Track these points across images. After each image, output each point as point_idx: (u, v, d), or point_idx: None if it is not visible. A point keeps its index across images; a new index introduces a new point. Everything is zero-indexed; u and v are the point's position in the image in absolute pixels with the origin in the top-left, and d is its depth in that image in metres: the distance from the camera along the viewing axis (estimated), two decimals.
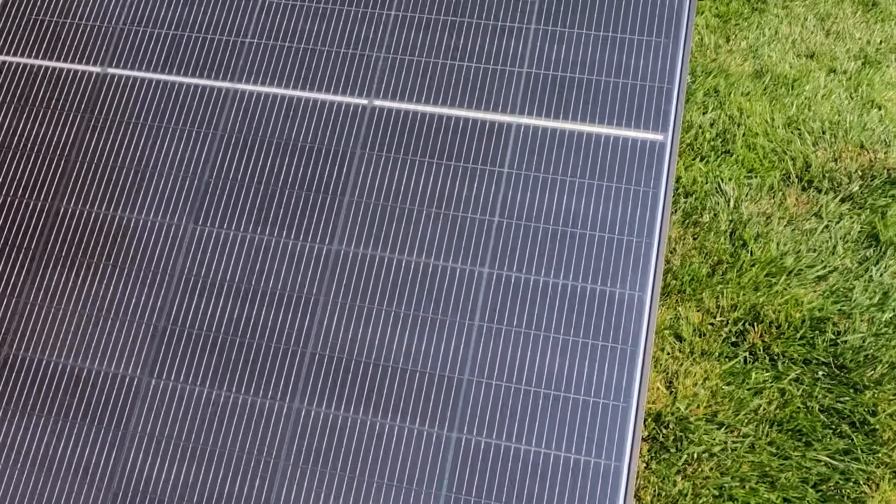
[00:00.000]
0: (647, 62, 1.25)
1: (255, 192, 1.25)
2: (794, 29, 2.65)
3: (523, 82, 1.27)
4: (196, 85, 1.31)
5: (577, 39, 1.28)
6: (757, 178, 2.02)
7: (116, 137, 1.30)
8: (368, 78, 1.30)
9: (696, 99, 2.26)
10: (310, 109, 1.29)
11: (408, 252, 1.20)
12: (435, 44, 1.31)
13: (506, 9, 1.31)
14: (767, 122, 2.19)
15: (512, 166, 1.22)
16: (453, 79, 1.28)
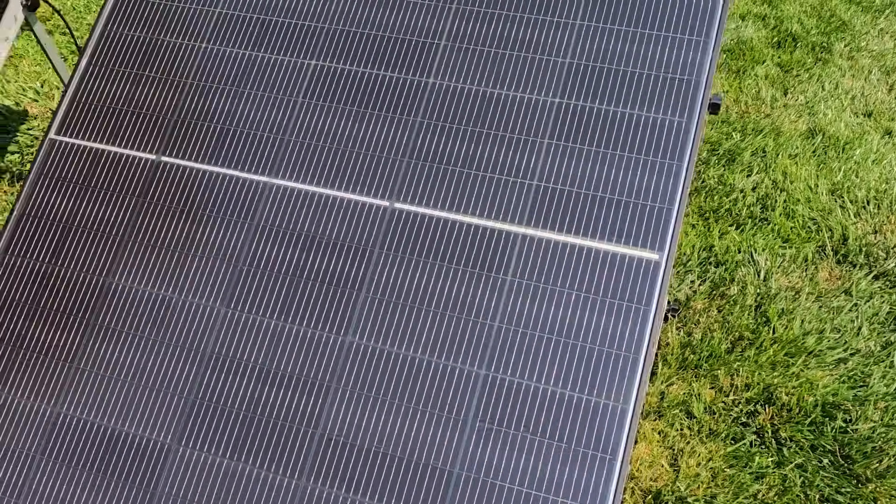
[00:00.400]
0: (650, 182, 1.32)
1: (281, 282, 1.38)
2: (857, 83, 2.63)
3: (532, 194, 1.36)
4: (238, 178, 1.45)
5: (586, 156, 1.35)
6: (792, 248, 2.05)
7: (165, 221, 1.45)
8: (391, 181, 1.41)
9: (742, 159, 2.29)
10: (336, 207, 1.40)
11: (413, 349, 1.31)
12: (455, 152, 1.41)
13: (521, 123, 1.40)
14: (811, 189, 2.20)
15: (515, 274, 1.32)
16: (468, 187, 1.38)
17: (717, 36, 1.40)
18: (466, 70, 1.45)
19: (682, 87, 1.37)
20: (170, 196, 1.47)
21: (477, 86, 1.44)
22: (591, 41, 1.41)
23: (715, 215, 2.13)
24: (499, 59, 1.45)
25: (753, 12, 2.95)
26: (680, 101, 1.36)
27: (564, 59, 1.41)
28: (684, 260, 2.01)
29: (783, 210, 2.14)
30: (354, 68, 1.47)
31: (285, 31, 1.51)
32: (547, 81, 1.41)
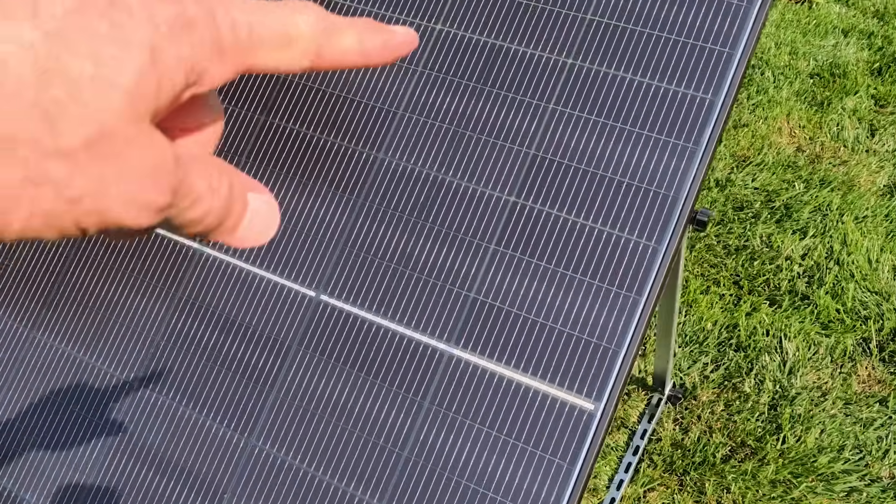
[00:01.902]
0: (600, 312, 1.14)
1: (195, 365, 1.27)
2: None
3: (467, 307, 1.19)
4: (170, 240, 1.34)
5: (533, 271, 1.17)
6: (831, 337, 1.80)
7: (94, 279, 1.36)
8: (321, 269, 1.27)
9: (799, 216, 2.02)
10: (262, 289, 1.28)
11: (315, 466, 1.19)
12: (393, 245, 1.25)
13: (467, 226, 1.22)
14: (870, 264, 1.92)
15: (433, 402, 1.17)
16: (399, 290, 1.22)
17: (709, 144, 1.17)
18: (423, 147, 1.28)
19: (658, 201, 1.16)
20: (101, 254, 1.38)
21: (429, 170, 1.27)
22: (560, 130, 1.21)
23: (751, 284, 1.89)
24: (458, 139, 1.27)
25: (859, 27, 2.59)
26: (651, 219, 1.15)
27: (529, 149, 1.22)
28: (701, 339, 1.79)
29: (831, 288, 1.88)
30: (303, 129, 1.32)
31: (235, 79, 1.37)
32: (504, 177, 1.23)
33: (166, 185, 0.21)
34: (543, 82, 1.23)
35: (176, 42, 0.21)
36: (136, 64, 0.20)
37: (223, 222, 0.25)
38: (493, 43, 1.26)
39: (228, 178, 0.25)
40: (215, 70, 0.23)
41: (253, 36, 0.24)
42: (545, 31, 1.24)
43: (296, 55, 0.25)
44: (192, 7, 0.22)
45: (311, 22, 0.25)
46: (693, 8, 1.20)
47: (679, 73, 1.18)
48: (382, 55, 0.27)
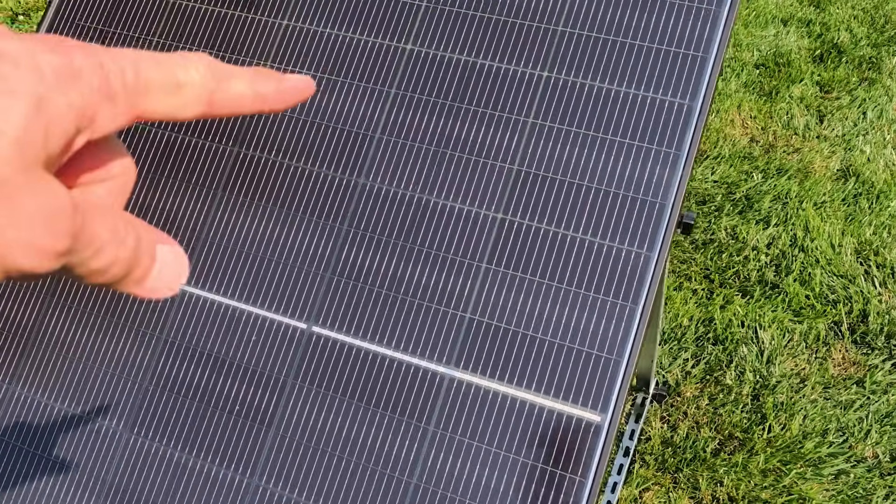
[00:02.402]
0: (598, 326, 1.14)
1: (188, 407, 1.24)
2: None
3: (464, 328, 1.18)
4: None
5: (527, 287, 1.17)
6: (803, 323, 1.84)
7: (73, 326, 1.32)
8: (311, 300, 1.25)
9: (761, 206, 2.06)
10: (251, 325, 1.25)
11: (314, 499, 1.17)
12: (382, 271, 1.23)
13: (457, 247, 1.21)
14: (833, 248, 1.97)
15: (438, 426, 1.16)
16: (392, 315, 1.21)
17: (691, 149, 1.18)
18: (403, 169, 1.27)
19: (646, 209, 1.16)
20: (79, 300, 1.33)
21: (413, 191, 1.26)
22: (542, 144, 1.21)
23: (721, 277, 1.92)
24: (438, 158, 1.26)
25: (797, 16, 2.65)
26: (641, 227, 1.16)
27: (512, 165, 1.22)
28: (679, 335, 1.81)
29: (798, 275, 1.92)
30: (278, 158, 1.30)
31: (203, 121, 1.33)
32: (490, 194, 1.22)
33: (63, 231, 0.22)
34: (521, 97, 1.23)
35: (63, 90, 0.22)
36: (22, 112, 0.21)
37: (130, 274, 0.25)
38: (467, 60, 1.26)
39: (135, 230, 0.25)
40: (106, 115, 0.23)
41: (141, 81, 0.24)
42: (518, 46, 1.24)
43: (188, 100, 0.26)
44: (79, 56, 0.23)
45: (201, 69, 0.26)
46: (664, 14, 1.21)
47: (655, 79, 1.19)
48: (277, 99, 0.27)
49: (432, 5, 1.30)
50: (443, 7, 1.30)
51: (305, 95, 0.29)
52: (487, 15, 1.28)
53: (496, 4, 1.27)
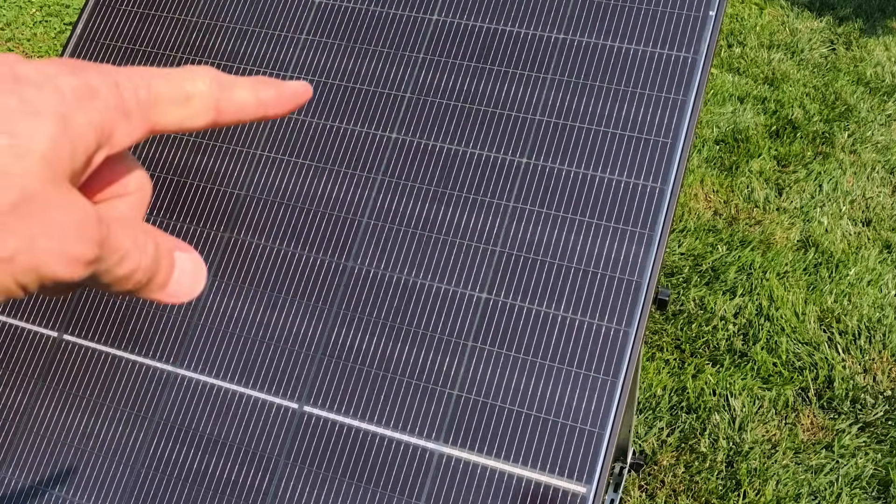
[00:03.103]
0: (580, 400, 1.19)
1: (181, 489, 1.26)
2: (858, 183, 2.46)
3: (452, 405, 1.22)
4: (142, 364, 1.33)
5: (512, 363, 1.22)
6: (772, 390, 1.90)
7: (64, 409, 1.33)
8: (302, 380, 1.28)
9: (727, 277, 2.14)
10: (242, 406, 1.28)
11: None
12: (370, 354, 1.28)
13: (443, 326, 1.26)
14: (797, 317, 2.05)
15: (429, 500, 1.19)
16: (382, 394, 1.25)
17: (664, 230, 1.25)
18: (390, 252, 1.32)
19: (623, 287, 1.23)
20: (70, 380, 1.36)
21: (399, 273, 1.31)
22: (522, 228, 1.27)
23: (692, 347, 1.98)
24: (424, 242, 1.31)
25: (753, 94, 2.78)
26: (619, 305, 1.22)
27: (495, 247, 1.28)
28: (654, 404, 1.87)
29: (766, 343, 1.99)
30: (268, 244, 1.35)
31: (196, 197, 1.39)
32: (474, 275, 1.28)
33: (92, 239, 0.23)
34: (502, 182, 1.29)
35: (83, 108, 0.23)
36: (49, 131, 0.22)
37: (153, 279, 0.27)
38: (450, 148, 1.32)
39: (154, 238, 0.27)
40: (123, 130, 0.25)
41: (153, 95, 0.26)
42: (499, 134, 1.31)
43: (197, 110, 0.27)
44: (94, 76, 0.24)
45: (207, 80, 0.27)
46: (634, 104, 1.29)
47: (628, 165, 1.27)
48: (278, 105, 0.29)
49: (416, 96, 1.37)
50: (426, 98, 1.37)
51: (303, 100, 0.30)
52: (468, 105, 1.35)
53: (476, 95, 1.35)
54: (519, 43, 1.35)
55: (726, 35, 3.04)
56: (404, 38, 1.40)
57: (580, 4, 1.34)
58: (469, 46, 1.37)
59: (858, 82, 2.85)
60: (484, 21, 1.37)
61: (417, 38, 1.40)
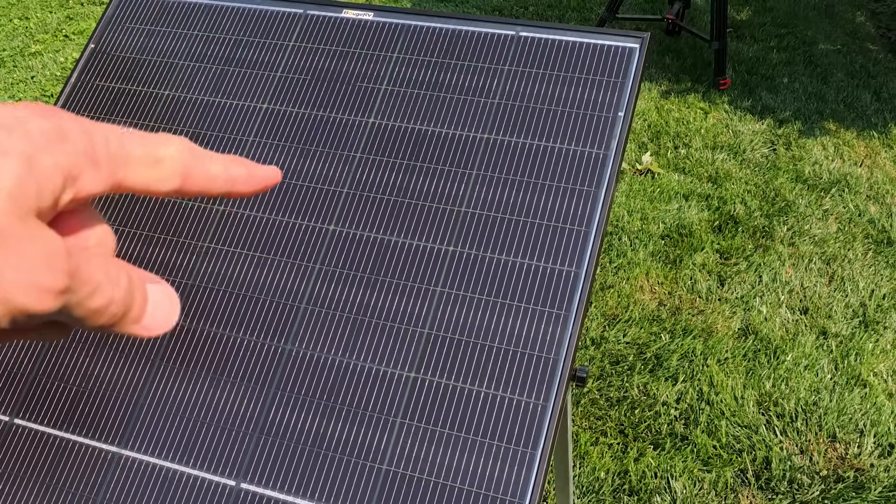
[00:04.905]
0: (503, 472, 1.25)
1: None
2: (796, 273, 2.58)
3: (381, 479, 1.28)
4: (87, 446, 1.39)
5: (438, 438, 1.29)
6: (712, 472, 1.96)
7: (12, 490, 1.38)
8: (239, 458, 1.34)
9: (669, 364, 2.22)
10: (182, 485, 1.34)
11: None
12: (304, 432, 1.34)
13: (374, 404, 1.34)
14: (737, 401, 2.12)
15: None
16: (316, 470, 1.31)
17: (578, 310, 1.34)
18: (326, 335, 1.41)
19: (541, 364, 1.31)
20: (19, 463, 1.41)
21: (334, 355, 1.39)
22: (450, 310, 1.36)
23: (635, 432, 2.05)
24: (357, 325, 1.40)
25: (697, 192, 2.93)
26: (538, 381, 1.30)
27: (423, 328, 1.37)
28: (597, 487, 1.92)
29: (706, 427, 2.06)
30: (212, 329, 1.43)
31: None
32: (403, 355, 1.36)
33: (60, 270, 0.23)
34: (430, 269, 1.39)
35: (51, 151, 0.24)
36: (15, 170, 0.23)
37: (127, 312, 0.27)
38: (382, 238, 1.43)
39: (126, 271, 0.27)
40: (90, 177, 0.25)
41: (123, 150, 0.26)
42: (427, 224, 1.42)
43: (165, 174, 0.27)
44: (67, 122, 0.25)
45: (180, 147, 0.28)
46: (552, 196, 1.40)
47: (546, 251, 1.37)
48: (247, 184, 0.30)
49: (353, 192, 1.48)
50: (362, 193, 1.48)
51: (271, 183, 0.30)
52: (400, 199, 1.46)
53: (408, 190, 1.46)
54: (446, 142, 1.47)
55: (673, 137, 3.21)
56: (343, 140, 1.52)
57: (502, 108, 1.47)
58: (401, 146, 1.49)
59: (797, 179, 3.00)
60: (415, 123, 1.50)
61: (355, 139, 1.52)
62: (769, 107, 3.42)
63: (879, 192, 2.93)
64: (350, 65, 1.57)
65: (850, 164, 3.09)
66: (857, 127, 3.31)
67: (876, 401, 2.12)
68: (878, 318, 2.38)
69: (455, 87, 1.53)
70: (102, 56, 1.66)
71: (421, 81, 1.54)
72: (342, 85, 1.56)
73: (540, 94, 1.48)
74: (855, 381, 2.18)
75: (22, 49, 3.95)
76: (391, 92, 1.54)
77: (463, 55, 1.52)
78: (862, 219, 2.79)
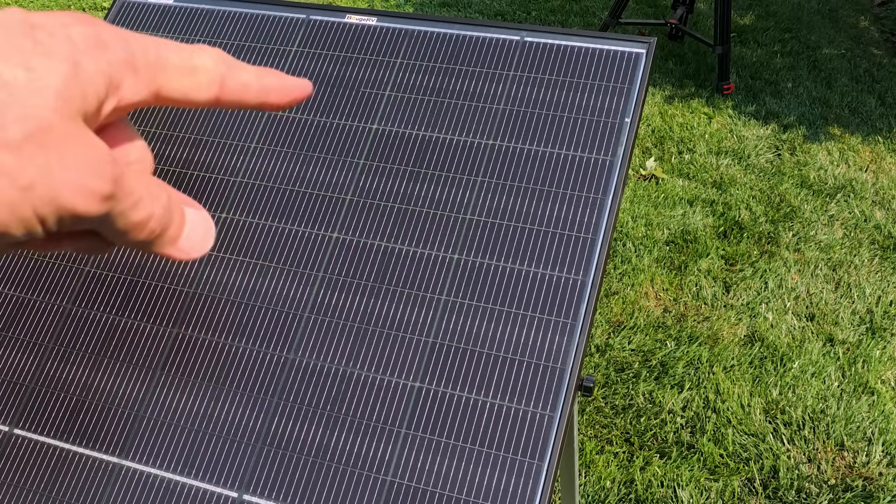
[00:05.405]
0: (509, 483, 1.23)
1: None
2: (802, 280, 2.56)
3: (385, 491, 1.27)
4: (88, 456, 1.37)
5: (444, 449, 1.27)
6: (719, 481, 1.94)
7: (18, 501, 1.36)
8: (242, 470, 1.32)
9: (675, 371, 2.20)
10: (185, 496, 1.32)
11: None
12: (308, 443, 1.33)
13: (378, 414, 1.32)
14: (743, 409, 2.10)
15: None
16: (319, 481, 1.29)
17: (585, 319, 1.33)
18: (329, 345, 1.39)
19: (548, 374, 1.29)
20: (19, 474, 1.39)
21: (338, 365, 1.37)
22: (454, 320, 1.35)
23: (640, 440, 2.03)
24: (361, 334, 1.38)
25: (702, 197, 2.91)
26: (544, 391, 1.28)
27: (428, 337, 1.35)
28: (602, 497, 1.90)
29: (712, 435, 2.04)
30: (214, 338, 1.41)
31: (144, 295, 1.46)
32: (408, 365, 1.34)
33: (107, 175, 0.24)
34: (435, 277, 1.37)
35: (93, 56, 0.24)
36: (62, 71, 0.23)
37: (166, 230, 0.27)
38: (387, 245, 1.41)
39: (166, 190, 0.27)
40: (130, 84, 0.26)
41: (161, 58, 0.27)
42: (432, 232, 1.40)
43: (202, 82, 0.28)
44: (106, 31, 0.25)
45: (215, 56, 0.28)
46: (557, 203, 1.39)
47: (552, 259, 1.35)
48: (280, 94, 0.30)
49: (356, 199, 1.47)
50: (366, 200, 1.47)
51: (304, 94, 0.30)
52: (405, 206, 1.44)
53: (412, 197, 1.44)
54: (451, 148, 1.46)
55: (677, 142, 3.19)
56: (346, 146, 1.51)
57: (507, 113, 1.46)
58: (405, 152, 1.48)
59: (802, 185, 2.98)
60: (419, 129, 1.48)
61: (359, 145, 1.50)
62: (773, 112, 3.40)
63: (885, 198, 2.91)
64: (353, 70, 1.55)
65: (856, 169, 3.07)
66: (861, 132, 3.29)
67: (884, 408, 2.10)
68: (885, 324, 2.36)
69: (459, 92, 1.51)
70: None
71: (425, 87, 1.52)
72: (345, 90, 1.55)
73: (545, 100, 1.47)
74: (862, 388, 2.16)
75: None
76: (395, 98, 1.53)
77: (467, 60, 1.51)
78: (868, 224, 2.77)
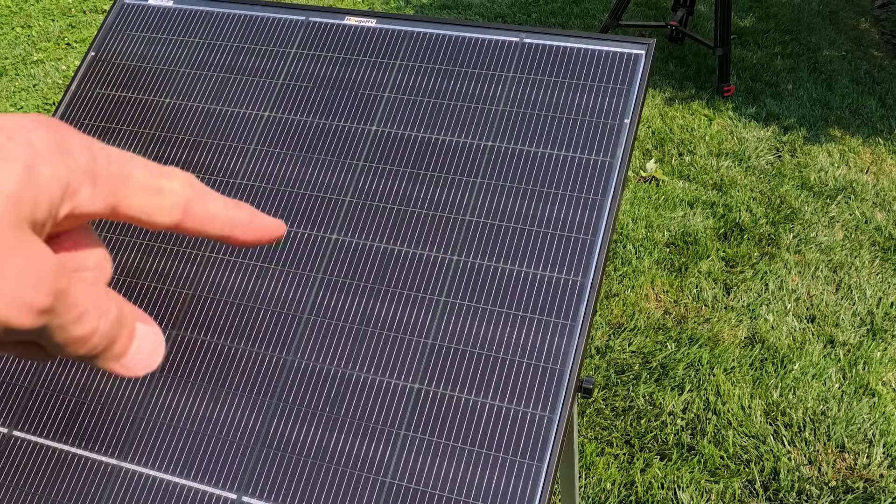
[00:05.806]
0: (508, 484, 1.23)
1: None
2: (803, 281, 2.55)
3: (384, 492, 1.26)
4: (87, 458, 1.37)
5: (443, 451, 1.27)
6: (719, 483, 1.94)
7: (17, 503, 1.36)
8: (240, 471, 1.32)
9: (675, 373, 2.20)
10: (183, 498, 1.32)
11: None
12: (307, 445, 1.32)
13: (378, 412, 1.32)
14: (744, 410, 2.10)
15: None
16: (318, 483, 1.29)
17: (585, 320, 1.32)
18: (328, 346, 1.39)
19: (547, 375, 1.29)
20: (17, 475, 1.39)
21: (337, 366, 1.37)
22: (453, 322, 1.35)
23: (641, 442, 2.02)
24: (360, 336, 1.38)
25: (702, 199, 2.91)
26: (543, 392, 1.28)
27: (427, 339, 1.35)
28: (602, 499, 1.90)
29: (713, 437, 2.03)
30: (213, 340, 1.41)
31: (144, 297, 1.45)
32: (407, 367, 1.34)
33: (46, 288, 0.22)
34: (434, 278, 1.37)
35: (52, 162, 0.23)
36: (14, 176, 0.22)
37: (110, 347, 0.25)
38: (386, 247, 1.41)
39: (117, 304, 0.26)
40: (87, 193, 0.25)
41: (125, 172, 0.26)
42: (431, 233, 1.40)
43: (165, 204, 0.27)
44: (71, 138, 0.25)
45: (183, 180, 0.27)
46: (556, 205, 1.39)
47: (551, 261, 1.35)
48: (246, 231, 0.28)
49: (356, 200, 1.47)
50: (365, 202, 1.47)
51: (274, 235, 0.29)
52: (404, 208, 1.44)
53: (411, 199, 1.44)
54: (450, 150, 1.46)
55: (677, 144, 3.19)
56: (345, 148, 1.51)
57: (506, 115, 1.45)
58: (405, 154, 1.48)
59: (803, 186, 2.98)
60: (418, 131, 1.48)
61: (358, 147, 1.50)
62: (774, 113, 3.40)
63: (886, 199, 2.91)
64: (352, 72, 1.55)
65: (856, 170, 3.07)
66: (862, 133, 3.29)
67: (884, 410, 2.10)
68: (885, 326, 2.35)
69: (459, 94, 1.51)
70: (103, 64, 1.65)
71: (424, 89, 1.52)
72: (344, 92, 1.55)
73: (544, 102, 1.47)
74: (863, 390, 2.16)
75: (24, 57, 3.95)
76: (394, 99, 1.53)
77: (467, 62, 1.51)
78: (868, 226, 2.77)
